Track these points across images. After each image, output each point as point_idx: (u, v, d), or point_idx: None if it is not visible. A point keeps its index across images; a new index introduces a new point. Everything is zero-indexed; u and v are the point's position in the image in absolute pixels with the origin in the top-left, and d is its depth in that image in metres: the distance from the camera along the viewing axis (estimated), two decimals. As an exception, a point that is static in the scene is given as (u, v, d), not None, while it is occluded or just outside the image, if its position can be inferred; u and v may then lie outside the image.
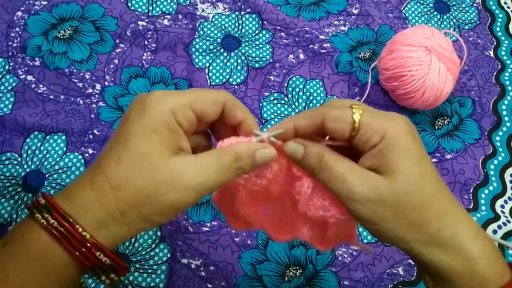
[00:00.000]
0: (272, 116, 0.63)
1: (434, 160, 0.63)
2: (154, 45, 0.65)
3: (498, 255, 0.33)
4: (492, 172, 0.63)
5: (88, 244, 0.30)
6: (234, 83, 0.65)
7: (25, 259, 0.30)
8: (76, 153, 0.58)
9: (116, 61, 0.64)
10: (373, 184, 0.31)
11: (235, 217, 0.39)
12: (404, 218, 0.31)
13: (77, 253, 0.30)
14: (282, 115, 0.64)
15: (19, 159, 0.57)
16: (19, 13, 0.65)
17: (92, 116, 0.61)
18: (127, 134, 0.31)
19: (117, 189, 0.30)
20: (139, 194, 0.30)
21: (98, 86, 0.62)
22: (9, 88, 0.61)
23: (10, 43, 0.63)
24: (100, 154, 0.33)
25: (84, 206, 0.31)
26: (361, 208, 0.31)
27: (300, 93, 0.65)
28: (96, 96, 0.62)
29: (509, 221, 0.59)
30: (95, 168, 0.32)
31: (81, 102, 0.61)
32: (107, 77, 0.63)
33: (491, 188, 0.62)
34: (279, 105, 0.64)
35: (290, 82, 0.65)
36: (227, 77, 0.65)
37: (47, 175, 0.57)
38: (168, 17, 0.68)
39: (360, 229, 0.57)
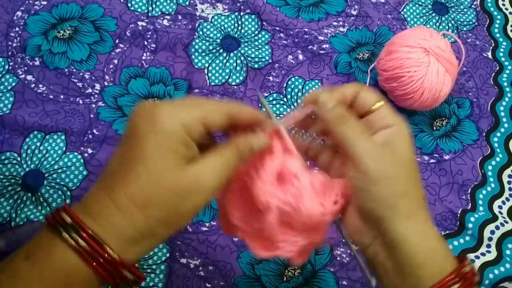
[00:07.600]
0: (271, 116, 0.63)
1: (432, 160, 0.63)
2: (153, 45, 0.65)
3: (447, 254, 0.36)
4: (490, 173, 0.63)
5: (116, 264, 0.31)
6: (234, 83, 0.65)
7: (52, 278, 0.30)
8: (76, 153, 0.58)
9: (115, 61, 0.64)
10: (389, 149, 0.35)
11: (225, 219, 0.39)
12: (402, 185, 0.34)
13: (104, 273, 0.31)
14: (281, 115, 0.64)
15: (19, 158, 0.57)
16: (19, 13, 0.65)
17: (92, 116, 0.61)
18: (143, 154, 0.32)
19: (144, 208, 0.31)
20: (166, 208, 0.32)
21: (97, 86, 0.62)
22: (9, 87, 0.61)
23: (9, 42, 0.63)
24: (113, 169, 0.33)
25: (112, 226, 0.31)
26: (372, 163, 0.34)
27: (299, 94, 0.65)
28: (96, 96, 0.62)
29: (506, 222, 0.60)
30: (111, 186, 0.32)
31: (81, 102, 0.61)
32: (106, 77, 0.63)
33: (489, 188, 0.62)
34: (278, 106, 0.64)
35: (289, 82, 0.66)
36: (227, 77, 0.65)
37: (46, 175, 0.57)
38: (168, 17, 0.68)
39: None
